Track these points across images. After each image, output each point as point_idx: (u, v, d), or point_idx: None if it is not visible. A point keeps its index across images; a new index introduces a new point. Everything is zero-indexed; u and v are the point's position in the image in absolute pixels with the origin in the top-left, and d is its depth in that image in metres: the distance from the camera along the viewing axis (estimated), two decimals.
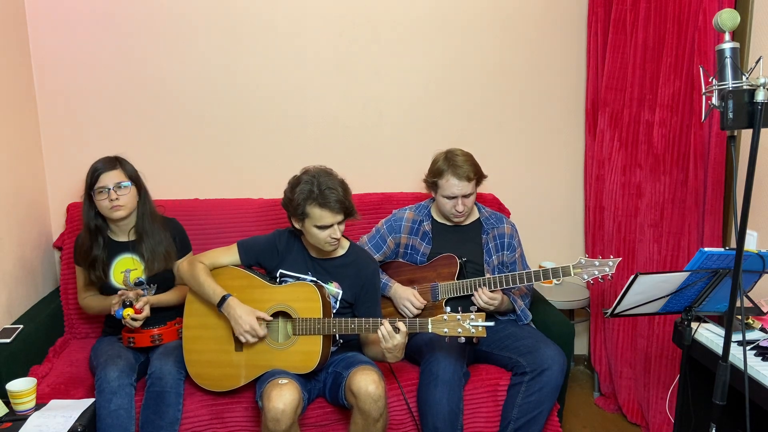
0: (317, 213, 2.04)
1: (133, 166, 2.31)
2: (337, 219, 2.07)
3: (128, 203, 2.25)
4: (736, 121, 1.50)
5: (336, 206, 2.04)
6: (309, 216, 2.06)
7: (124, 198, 2.23)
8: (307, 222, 2.08)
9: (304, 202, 2.04)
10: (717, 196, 2.36)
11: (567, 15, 3.03)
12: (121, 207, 2.22)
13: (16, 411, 1.89)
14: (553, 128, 3.13)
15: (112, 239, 2.32)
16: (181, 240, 2.41)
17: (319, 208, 2.04)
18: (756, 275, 1.79)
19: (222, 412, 2.13)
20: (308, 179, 2.07)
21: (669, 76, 2.48)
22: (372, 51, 2.91)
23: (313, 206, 2.04)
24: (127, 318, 2.15)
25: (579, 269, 2.25)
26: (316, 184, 2.05)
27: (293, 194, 2.08)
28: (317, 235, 2.09)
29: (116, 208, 2.22)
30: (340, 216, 2.07)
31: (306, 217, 2.07)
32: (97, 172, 2.21)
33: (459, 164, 2.39)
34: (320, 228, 2.07)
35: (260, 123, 2.89)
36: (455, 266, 2.41)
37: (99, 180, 2.21)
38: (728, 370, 1.55)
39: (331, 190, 2.04)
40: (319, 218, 2.05)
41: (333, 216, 2.05)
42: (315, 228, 2.07)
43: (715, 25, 1.58)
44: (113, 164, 2.24)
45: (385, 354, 2.02)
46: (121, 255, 2.32)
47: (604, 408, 2.93)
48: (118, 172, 2.23)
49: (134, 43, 2.73)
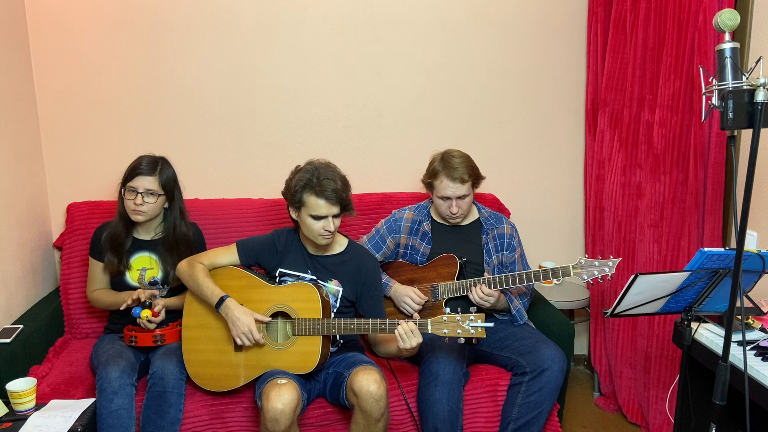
0: (313, 201, 2.06)
1: (173, 170, 2.32)
2: (332, 211, 2.08)
3: (150, 211, 2.27)
4: (736, 121, 1.50)
5: (332, 196, 2.05)
6: (305, 204, 2.08)
7: (149, 206, 2.25)
8: (303, 211, 2.09)
9: (302, 189, 2.07)
10: (717, 196, 2.36)
11: (567, 15, 3.03)
12: (141, 213, 2.25)
13: (16, 411, 1.89)
14: (553, 128, 3.13)
15: (134, 236, 2.35)
16: (200, 244, 2.42)
17: (315, 197, 2.05)
18: (756, 275, 1.79)
19: (222, 412, 2.13)
20: (309, 169, 2.11)
21: (669, 76, 2.48)
22: (372, 51, 2.91)
23: (310, 194, 2.06)
24: (143, 319, 2.18)
25: (579, 269, 2.25)
26: (315, 174, 2.08)
27: (292, 181, 2.12)
28: (312, 226, 2.10)
29: (137, 212, 2.24)
30: (336, 208, 2.08)
31: (302, 206, 2.09)
32: (135, 171, 2.24)
33: (454, 166, 2.38)
34: (315, 218, 2.08)
35: (260, 123, 2.89)
36: (455, 266, 2.41)
37: (133, 180, 2.23)
38: (728, 370, 1.55)
39: (329, 181, 2.06)
40: (315, 207, 2.06)
41: (328, 207, 2.06)
42: (310, 218, 2.08)
43: (715, 25, 1.58)
44: (153, 169, 2.25)
45: (399, 351, 2.03)
46: (140, 252, 2.34)
47: (604, 408, 2.93)
48: (153, 179, 2.24)
49: (134, 44, 2.73)
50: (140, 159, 2.28)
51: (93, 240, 2.37)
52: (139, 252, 2.34)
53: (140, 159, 2.28)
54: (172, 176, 2.32)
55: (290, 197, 2.12)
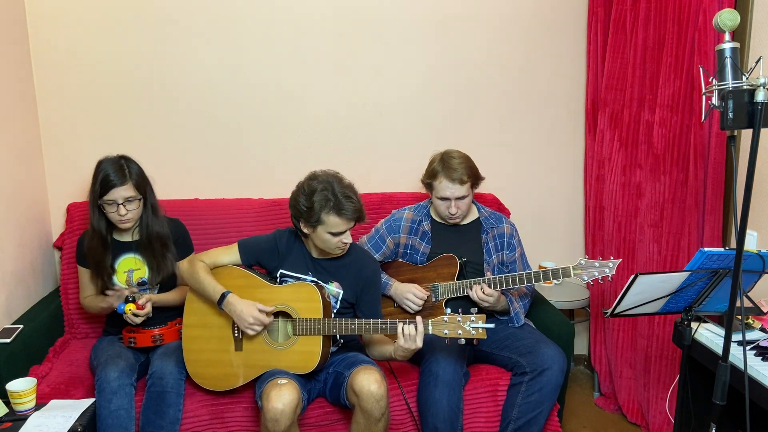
0: (333, 221, 2.04)
1: (138, 166, 2.28)
2: (350, 225, 2.09)
3: (135, 216, 2.26)
4: (736, 121, 1.50)
5: (353, 215, 2.05)
6: (324, 223, 2.06)
7: (133, 212, 2.24)
8: (320, 228, 2.07)
9: (321, 210, 2.03)
10: (717, 196, 2.36)
11: (567, 15, 3.03)
12: (128, 221, 2.24)
13: (16, 411, 1.89)
14: (553, 128, 3.13)
15: (115, 239, 2.33)
16: (184, 240, 2.41)
17: (337, 217, 2.04)
18: (756, 275, 1.79)
19: (222, 412, 2.13)
20: (323, 187, 2.05)
21: (669, 76, 2.48)
22: (372, 51, 2.91)
23: (330, 214, 2.04)
24: (128, 313, 2.16)
25: (579, 270, 2.25)
26: (332, 192, 2.04)
27: (310, 203, 2.04)
28: (329, 241, 2.09)
29: (123, 221, 2.23)
30: (353, 222, 2.09)
31: (320, 224, 2.07)
32: (109, 185, 2.18)
33: (453, 167, 2.38)
34: (333, 234, 2.07)
35: (260, 123, 2.89)
36: (455, 266, 2.41)
37: (109, 193, 2.19)
38: (728, 370, 1.55)
39: (348, 199, 2.05)
40: (335, 226, 2.05)
41: (347, 223, 2.07)
42: (328, 234, 2.07)
43: (715, 25, 1.58)
44: (123, 176, 2.19)
45: (395, 352, 2.03)
46: (124, 255, 2.33)
47: (604, 408, 2.93)
48: (128, 186, 2.20)
49: (134, 43, 2.73)
50: (104, 168, 2.20)
51: (78, 247, 2.35)
52: (123, 254, 2.32)
53: (104, 168, 2.20)
54: (140, 173, 2.27)
55: (307, 216, 2.07)
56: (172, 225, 2.39)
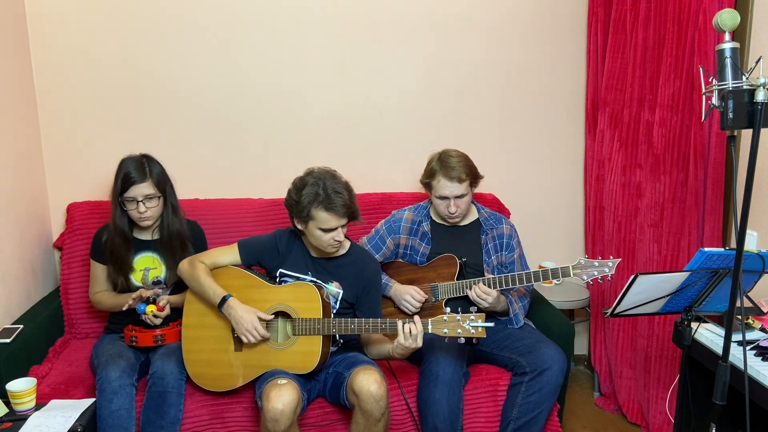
0: (323, 216, 2.04)
1: (160, 165, 2.29)
2: (341, 222, 2.07)
3: (155, 214, 2.27)
4: (736, 121, 1.50)
5: (342, 210, 2.04)
6: (313, 218, 2.06)
7: (152, 210, 2.25)
8: (311, 224, 2.07)
9: (309, 204, 2.04)
10: (717, 196, 2.36)
11: (567, 15, 3.03)
12: (148, 218, 2.25)
13: (16, 411, 1.89)
14: (553, 128, 3.13)
15: (135, 237, 2.34)
16: (201, 243, 2.42)
17: (325, 212, 2.03)
18: (756, 275, 1.79)
19: (222, 412, 2.13)
20: (314, 182, 2.06)
21: (669, 76, 2.48)
22: (372, 51, 2.91)
23: (319, 209, 2.03)
24: (149, 314, 2.19)
25: (578, 270, 2.25)
26: (322, 187, 2.04)
27: (299, 197, 2.06)
28: (320, 238, 2.09)
29: (143, 219, 2.25)
30: (345, 219, 2.08)
31: (310, 220, 2.07)
32: (130, 181, 2.20)
33: (452, 165, 2.38)
34: (324, 231, 2.07)
35: (260, 123, 2.89)
36: (455, 266, 2.41)
37: (129, 190, 2.21)
38: (728, 370, 1.55)
39: (338, 194, 2.04)
40: (324, 221, 2.05)
41: (338, 219, 2.05)
42: (319, 230, 2.07)
43: (715, 25, 1.58)
44: (144, 174, 2.21)
45: (393, 350, 2.03)
46: (142, 253, 2.34)
47: (604, 408, 2.93)
48: (148, 184, 2.22)
49: (134, 44, 2.73)
50: (126, 166, 2.23)
51: (94, 242, 2.36)
52: (141, 252, 2.34)
53: (126, 166, 2.23)
54: (161, 172, 2.29)
55: (297, 211, 2.08)
56: (189, 226, 2.40)
